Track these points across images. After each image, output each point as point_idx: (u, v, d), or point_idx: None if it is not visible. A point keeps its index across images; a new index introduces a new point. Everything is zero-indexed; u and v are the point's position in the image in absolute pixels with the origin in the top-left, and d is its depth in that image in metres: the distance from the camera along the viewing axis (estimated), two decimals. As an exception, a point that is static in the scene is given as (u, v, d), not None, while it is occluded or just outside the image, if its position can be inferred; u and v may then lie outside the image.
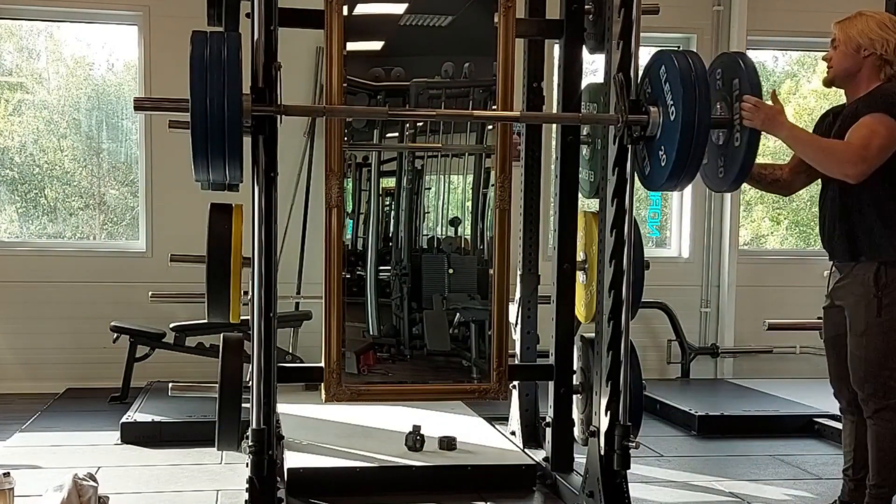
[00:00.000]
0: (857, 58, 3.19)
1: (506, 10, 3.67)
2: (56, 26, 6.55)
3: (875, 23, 3.19)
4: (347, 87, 3.60)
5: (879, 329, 3.13)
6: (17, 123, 6.58)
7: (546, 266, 4.23)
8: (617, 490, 3.37)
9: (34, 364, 6.14)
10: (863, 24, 3.20)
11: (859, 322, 3.17)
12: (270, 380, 3.28)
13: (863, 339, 3.16)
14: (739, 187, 3.53)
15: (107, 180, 6.65)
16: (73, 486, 3.17)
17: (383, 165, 4.16)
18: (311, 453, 4.11)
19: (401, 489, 3.88)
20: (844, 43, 3.21)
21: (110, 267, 6.20)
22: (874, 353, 3.14)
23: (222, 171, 2.94)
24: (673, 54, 3.18)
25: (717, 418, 5.18)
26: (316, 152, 6.09)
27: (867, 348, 3.15)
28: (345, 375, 3.70)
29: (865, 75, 3.20)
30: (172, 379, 3.85)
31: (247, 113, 2.97)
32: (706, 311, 6.87)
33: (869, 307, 3.13)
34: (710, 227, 6.88)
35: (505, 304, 3.84)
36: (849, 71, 3.22)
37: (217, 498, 3.80)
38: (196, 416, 4.72)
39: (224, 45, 2.89)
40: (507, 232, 3.82)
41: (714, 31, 6.76)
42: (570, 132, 3.91)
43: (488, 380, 3.83)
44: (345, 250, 3.74)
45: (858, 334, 3.18)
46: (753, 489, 4.06)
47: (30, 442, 4.70)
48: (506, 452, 4.26)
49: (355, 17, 3.68)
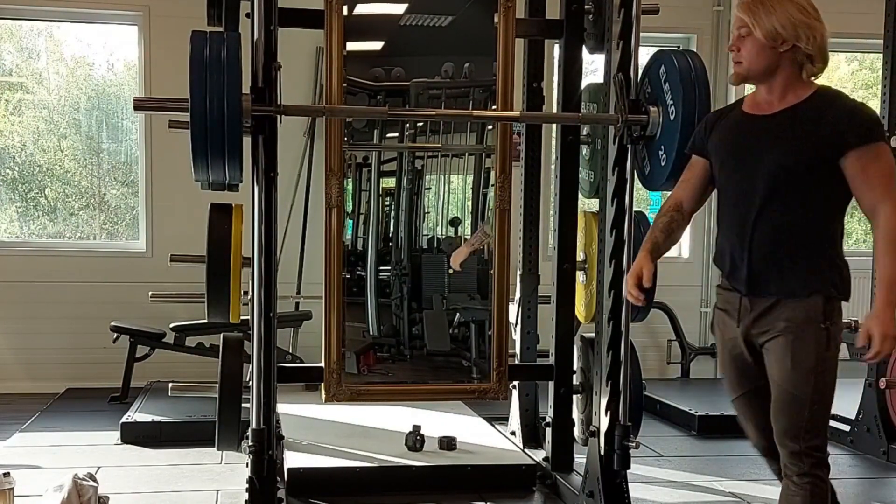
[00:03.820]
0: (773, 52, 2.49)
1: (506, 10, 3.67)
2: (56, 26, 6.55)
3: (795, 7, 2.50)
4: (347, 87, 3.60)
5: (826, 366, 2.50)
6: (17, 123, 6.58)
7: (546, 266, 4.23)
8: (617, 490, 3.37)
9: (34, 364, 6.14)
10: (781, 8, 2.49)
11: (808, 356, 2.48)
12: (270, 380, 3.28)
13: (811, 376, 2.48)
14: None
15: (107, 180, 6.65)
16: (73, 486, 3.17)
17: (383, 165, 4.16)
18: (311, 453, 4.11)
19: (401, 489, 3.88)
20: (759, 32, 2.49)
21: (110, 267, 6.20)
22: (820, 395, 2.51)
23: (222, 171, 2.94)
24: (673, 54, 3.18)
25: (717, 418, 5.17)
26: (316, 152, 6.09)
27: (815, 387, 2.49)
28: (345, 375, 3.70)
29: (784, 75, 2.52)
30: (172, 379, 3.85)
31: (247, 113, 2.97)
32: (706, 311, 6.87)
33: (819, 340, 2.48)
34: (711, 228, 6.87)
35: (505, 304, 3.84)
36: (766, 69, 2.52)
37: (217, 498, 3.80)
38: (196, 416, 4.72)
39: (224, 45, 2.89)
40: (507, 232, 3.82)
41: (714, 31, 6.76)
42: (570, 132, 3.91)
43: (488, 380, 3.83)
44: (345, 250, 3.74)
45: (805, 371, 2.48)
46: (753, 489, 4.06)
47: (30, 442, 4.70)
48: (506, 452, 4.26)
49: (355, 17, 3.68)
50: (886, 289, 2.42)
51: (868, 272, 4.88)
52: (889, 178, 2.46)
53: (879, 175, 2.45)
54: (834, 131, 2.44)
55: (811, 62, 2.51)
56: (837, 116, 2.46)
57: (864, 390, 4.76)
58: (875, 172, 2.45)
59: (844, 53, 7.42)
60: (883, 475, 4.43)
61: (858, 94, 7.54)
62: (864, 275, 5.70)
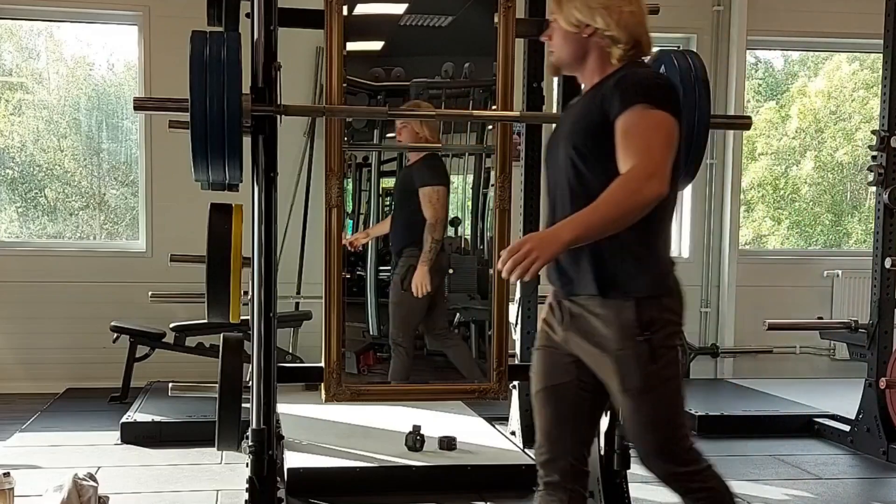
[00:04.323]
0: (577, 39, 2.32)
1: (506, 10, 3.67)
2: (56, 26, 6.56)
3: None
4: (347, 87, 3.60)
5: (659, 379, 2.26)
6: (17, 123, 6.58)
7: (546, 266, 4.23)
8: (617, 490, 3.37)
9: (34, 364, 6.14)
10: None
11: (632, 376, 2.25)
12: (270, 380, 3.28)
13: (645, 396, 2.27)
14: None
15: (107, 180, 6.65)
16: (73, 486, 3.17)
17: (383, 165, 4.16)
18: (311, 453, 4.11)
19: (401, 489, 3.88)
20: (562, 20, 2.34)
21: (110, 267, 6.20)
22: (663, 410, 2.30)
23: (222, 171, 2.94)
24: (673, 54, 3.18)
25: (717, 418, 5.17)
26: (316, 152, 6.09)
27: (654, 405, 2.28)
28: (345, 375, 3.70)
29: (592, 60, 2.34)
30: (172, 379, 3.85)
31: (247, 113, 2.97)
32: (706, 311, 6.87)
33: (639, 355, 2.24)
34: (710, 227, 6.88)
35: (505, 304, 3.84)
36: (574, 56, 2.35)
37: (217, 498, 3.80)
38: (196, 416, 4.72)
39: (224, 45, 2.89)
40: (507, 232, 3.82)
41: (714, 31, 6.76)
42: (570, 132, 3.90)
43: (488, 380, 3.83)
44: (345, 250, 3.74)
45: (637, 392, 2.27)
46: (753, 489, 4.06)
47: (30, 442, 4.70)
48: (506, 452, 4.26)
49: (355, 17, 3.68)
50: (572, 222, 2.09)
51: (867, 272, 4.89)
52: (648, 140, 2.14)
53: (638, 136, 2.15)
54: (602, 105, 2.23)
55: (616, 44, 2.29)
56: (609, 88, 2.24)
57: (864, 390, 4.76)
58: (634, 134, 2.15)
59: (844, 53, 7.43)
60: (883, 475, 4.43)
61: (858, 94, 7.56)
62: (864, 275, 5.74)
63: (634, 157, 2.12)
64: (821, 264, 6.87)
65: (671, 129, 2.18)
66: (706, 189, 6.84)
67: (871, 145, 4.71)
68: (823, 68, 7.73)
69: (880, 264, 4.68)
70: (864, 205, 7.64)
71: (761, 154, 7.74)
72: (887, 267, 4.66)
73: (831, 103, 7.67)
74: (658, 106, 2.17)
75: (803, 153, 7.77)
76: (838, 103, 7.66)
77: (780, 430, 5.12)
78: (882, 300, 4.72)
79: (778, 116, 7.80)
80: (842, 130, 7.67)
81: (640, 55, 2.33)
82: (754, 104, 7.65)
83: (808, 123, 7.71)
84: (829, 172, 7.75)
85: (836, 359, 6.84)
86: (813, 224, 7.76)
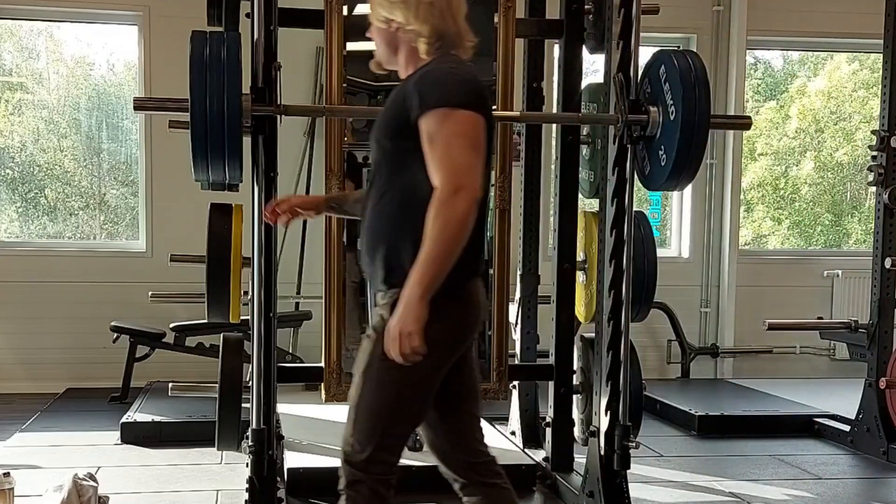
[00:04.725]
0: (388, 34, 2.33)
1: (506, 10, 3.67)
2: (56, 26, 6.56)
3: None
4: (347, 87, 3.60)
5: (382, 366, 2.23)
6: (17, 123, 6.58)
7: (546, 266, 4.23)
8: (617, 490, 3.37)
9: (34, 364, 6.14)
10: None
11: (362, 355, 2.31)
12: (270, 380, 3.28)
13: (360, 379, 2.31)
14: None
15: (107, 180, 6.65)
16: (73, 486, 3.17)
17: (383, 165, 4.14)
18: (311, 453, 4.11)
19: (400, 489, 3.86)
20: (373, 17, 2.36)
21: (110, 267, 6.20)
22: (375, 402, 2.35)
23: (222, 171, 2.94)
24: (673, 54, 3.18)
25: (717, 418, 5.18)
26: (316, 152, 6.08)
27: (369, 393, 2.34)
28: (345, 375, 3.70)
29: (403, 55, 2.34)
30: (172, 379, 3.85)
31: (247, 113, 2.97)
32: (706, 311, 6.87)
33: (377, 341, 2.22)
34: (711, 227, 6.88)
35: (505, 304, 3.84)
36: (387, 52, 2.37)
37: (217, 498, 3.80)
38: (196, 416, 4.71)
39: (224, 45, 2.89)
40: (507, 232, 3.82)
41: (714, 31, 6.76)
42: (570, 132, 3.91)
43: (488, 380, 3.83)
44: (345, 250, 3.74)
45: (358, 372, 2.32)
46: (753, 489, 4.06)
47: (30, 442, 4.70)
48: (506, 452, 4.26)
49: (355, 17, 3.68)
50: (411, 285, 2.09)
51: (867, 272, 4.89)
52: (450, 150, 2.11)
53: (440, 145, 2.12)
54: (405, 102, 2.20)
55: (419, 38, 2.28)
56: (411, 86, 2.22)
57: (864, 390, 4.76)
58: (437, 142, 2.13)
59: (844, 53, 7.43)
60: (883, 475, 4.43)
61: (858, 94, 7.56)
62: (863, 275, 5.74)
63: (438, 171, 2.12)
64: (821, 264, 6.87)
65: (474, 129, 2.17)
66: (706, 189, 6.84)
67: (871, 145, 4.71)
68: (823, 68, 7.73)
69: (880, 264, 4.69)
70: (864, 205, 7.64)
71: (761, 154, 7.74)
72: (887, 267, 4.66)
73: (831, 103, 7.67)
74: (458, 105, 2.15)
75: (803, 153, 7.77)
76: (838, 103, 7.66)
77: (780, 430, 5.12)
78: (882, 300, 4.72)
79: (778, 116, 7.80)
80: (842, 130, 7.67)
81: (448, 48, 2.31)
82: (754, 104, 7.65)
83: (807, 123, 7.70)
84: (829, 172, 7.75)
85: (836, 359, 6.84)
86: (813, 224, 7.76)
